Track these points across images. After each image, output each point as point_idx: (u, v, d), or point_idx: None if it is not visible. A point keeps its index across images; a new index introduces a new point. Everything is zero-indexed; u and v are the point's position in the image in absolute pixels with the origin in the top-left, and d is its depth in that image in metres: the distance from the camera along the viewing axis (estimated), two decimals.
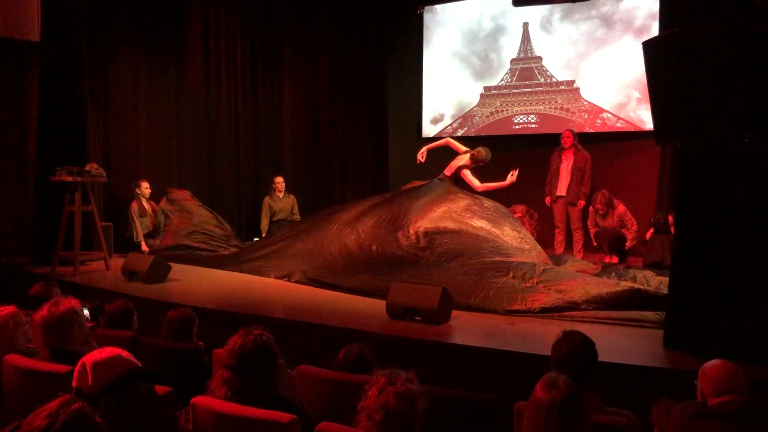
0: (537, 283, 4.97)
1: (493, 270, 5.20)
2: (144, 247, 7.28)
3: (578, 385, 2.06)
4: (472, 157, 6.73)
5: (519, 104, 8.92)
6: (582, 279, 5.06)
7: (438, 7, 9.52)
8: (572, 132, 7.67)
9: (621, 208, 7.28)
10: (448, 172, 6.83)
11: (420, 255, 5.69)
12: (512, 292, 4.88)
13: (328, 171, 9.64)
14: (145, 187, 7.57)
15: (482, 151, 6.72)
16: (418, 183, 6.92)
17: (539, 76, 8.75)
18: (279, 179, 8.60)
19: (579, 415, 1.99)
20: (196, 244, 7.36)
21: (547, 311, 4.66)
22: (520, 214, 7.93)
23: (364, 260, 5.82)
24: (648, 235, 7.05)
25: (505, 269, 5.18)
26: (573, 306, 4.67)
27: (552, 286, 4.91)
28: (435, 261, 5.56)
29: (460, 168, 6.77)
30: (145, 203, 7.57)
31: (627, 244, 7.24)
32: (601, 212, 7.28)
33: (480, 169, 6.89)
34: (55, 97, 6.90)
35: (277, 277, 6.02)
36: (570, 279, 5.03)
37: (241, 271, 6.32)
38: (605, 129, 8.19)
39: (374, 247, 5.90)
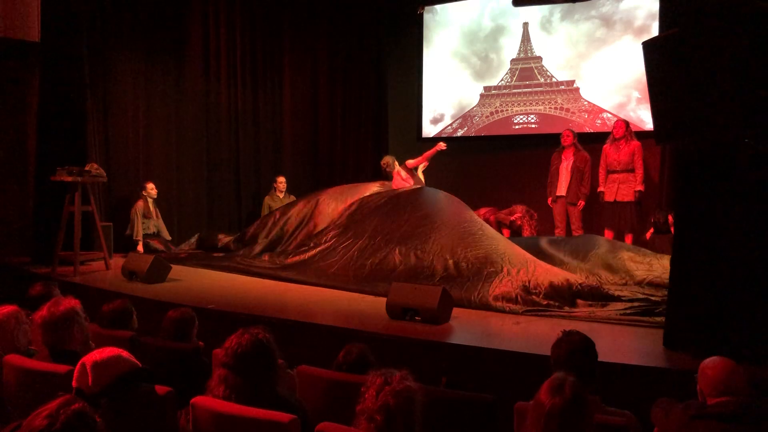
0: (529, 280, 5.00)
1: (488, 266, 5.22)
2: (139, 248, 7.27)
3: (584, 388, 2.04)
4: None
5: (519, 104, 8.92)
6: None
7: (438, 7, 9.52)
8: (572, 131, 7.68)
9: (636, 143, 7.15)
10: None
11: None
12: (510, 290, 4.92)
13: (328, 171, 9.64)
14: (151, 188, 7.58)
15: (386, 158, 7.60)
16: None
17: (539, 76, 8.75)
18: (281, 179, 8.59)
19: (581, 420, 1.97)
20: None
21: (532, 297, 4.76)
22: (519, 214, 7.95)
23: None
24: (648, 235, 7.05)
25: (500, 264, 5.20)
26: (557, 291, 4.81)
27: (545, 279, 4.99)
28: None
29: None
30: (151, 205, 7.57)
31: (638, 187, 7.08)
32: (617, 135, 7.14)
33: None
34: (55, 97, 6.90)
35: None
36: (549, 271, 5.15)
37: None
38: (605, 129, 8.18)
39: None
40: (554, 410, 1.94)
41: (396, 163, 7.44)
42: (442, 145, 7.26)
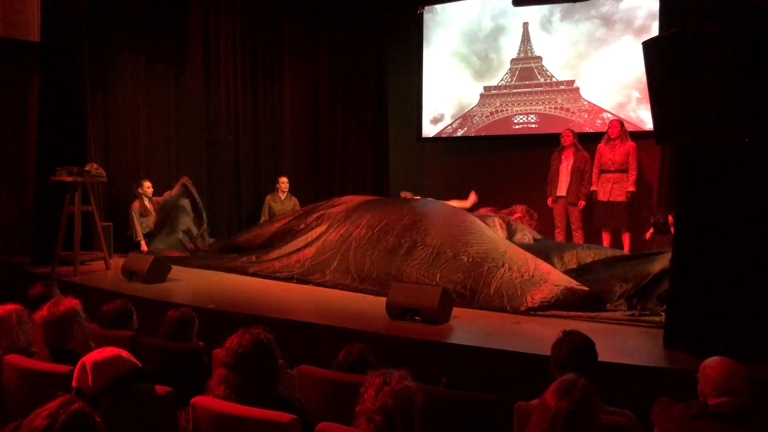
0: (532, 276, 4.99)
1: (489, 262, 5.21)
2: (143, 247, 7.28)
3: (593, 392, 2.02)
4: None
5: (519, 104, 8.92)
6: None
7: (438, 7, 9.52)
8: (572, 131, 7.68)
9: (631, 143, 7.19)
10: None
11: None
12: (512, 288, 4.91)
13: (328, 170, 9.64)
14: (147, 187, 7.58)
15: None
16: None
17: (539, 76, 8.75)
18: (283, 179, 8.57)
19: (586, 424, 1.96)
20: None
21: (546, 307, 4.71)
22: (519, 214, 7.93)
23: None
24: (648, 235, 7.05)
25: (500, 260, 5.19)
26: (567, 297, 4.75)
27: (547, 279, 4.96)
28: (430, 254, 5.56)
29: None
30: (147, 203, 7.57)
31: (630, 187, 7.11)
32: (612, 135, 7.18)
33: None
34: (55, 97, 6.91)
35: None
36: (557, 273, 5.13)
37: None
38: (605, 129, 8.18)
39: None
40: (561, 412, 1.93)
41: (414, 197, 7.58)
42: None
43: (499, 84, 9.06)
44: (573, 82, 8.50)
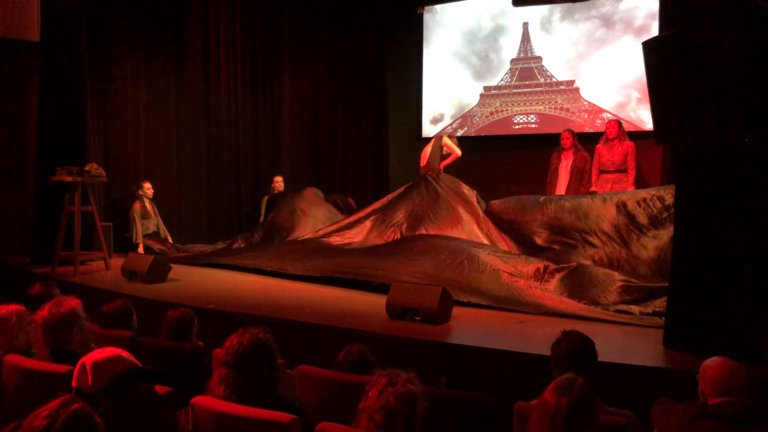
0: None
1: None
2: (140, 249, 7.26)
3: (592, 390, 2.02)
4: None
5: (519, 104, 8.92)
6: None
7: (438, 7, 9.52)
8: (572, 132, 7.67)
9: (629, 143, 7.17)
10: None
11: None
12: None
13: (328, 171, 9.64)
14: (147, 188, 7.57)
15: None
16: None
17: (539, 76, 8.75)
18: (278, 178, 8.59)
19: (586, 422, 1.96)
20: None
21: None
22: None
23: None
24: None
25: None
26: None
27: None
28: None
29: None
30: (147, 204, 7.56)
31: (629, 187, 7.02)
32: (610, 136, 7.16)
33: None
34: (55, 97, 6.90)
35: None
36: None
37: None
38: (605, 129, 8.19)
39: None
40: (561, 410, 1.93)
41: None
42: None
43: (499, 84, 9.06)
44: (573, 82, 8.50)
